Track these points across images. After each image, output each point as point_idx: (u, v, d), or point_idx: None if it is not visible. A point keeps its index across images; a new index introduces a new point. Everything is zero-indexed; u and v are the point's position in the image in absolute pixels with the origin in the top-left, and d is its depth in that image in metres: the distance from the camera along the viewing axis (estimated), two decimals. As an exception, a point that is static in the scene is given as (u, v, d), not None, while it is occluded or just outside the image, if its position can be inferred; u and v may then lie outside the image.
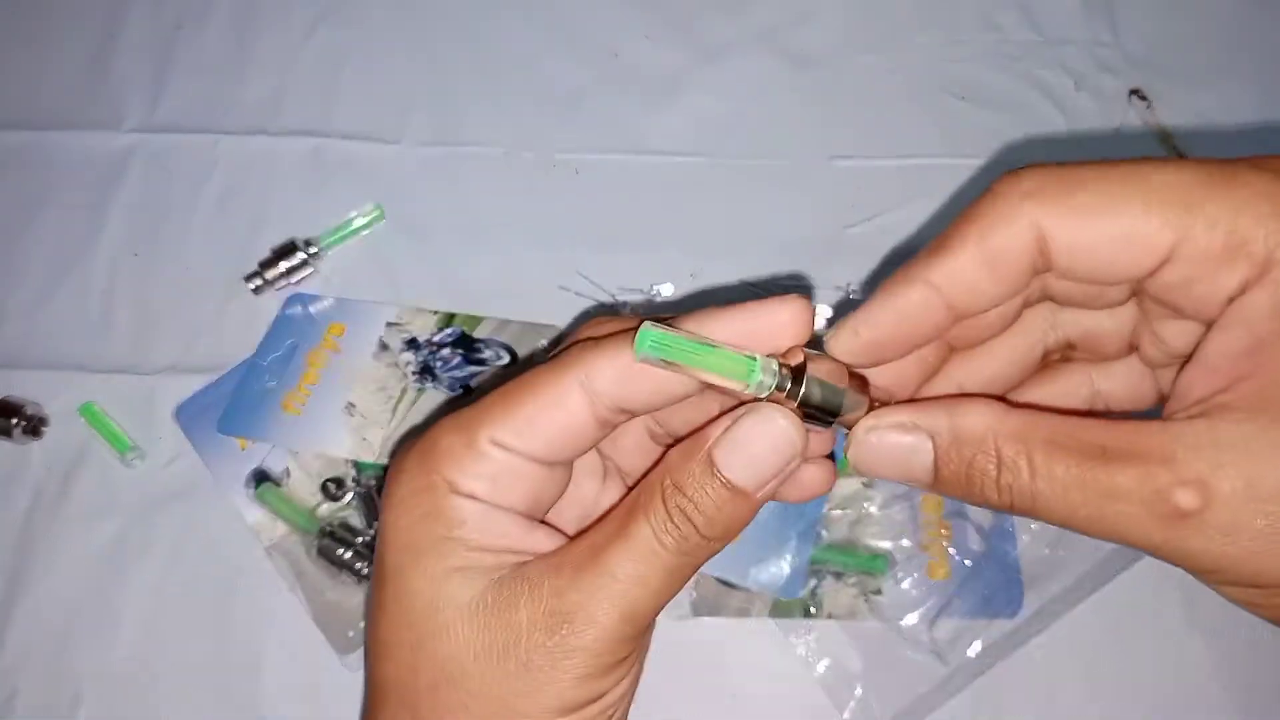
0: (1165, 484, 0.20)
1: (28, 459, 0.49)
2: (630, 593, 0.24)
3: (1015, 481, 0.21)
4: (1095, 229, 0.21)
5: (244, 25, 0.60)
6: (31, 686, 0.45)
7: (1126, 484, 0.20)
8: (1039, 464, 0.21)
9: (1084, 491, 0.21)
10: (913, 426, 0.23)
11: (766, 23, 0.59)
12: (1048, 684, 0.43)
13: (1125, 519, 0.20)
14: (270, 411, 0.48)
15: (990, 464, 0.22)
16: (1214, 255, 0.21)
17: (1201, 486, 0.19)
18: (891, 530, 0.45)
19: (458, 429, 0.25)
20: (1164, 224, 0.21)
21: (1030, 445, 0.21)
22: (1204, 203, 0.21)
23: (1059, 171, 0.22)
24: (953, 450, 0.22)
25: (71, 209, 0.55)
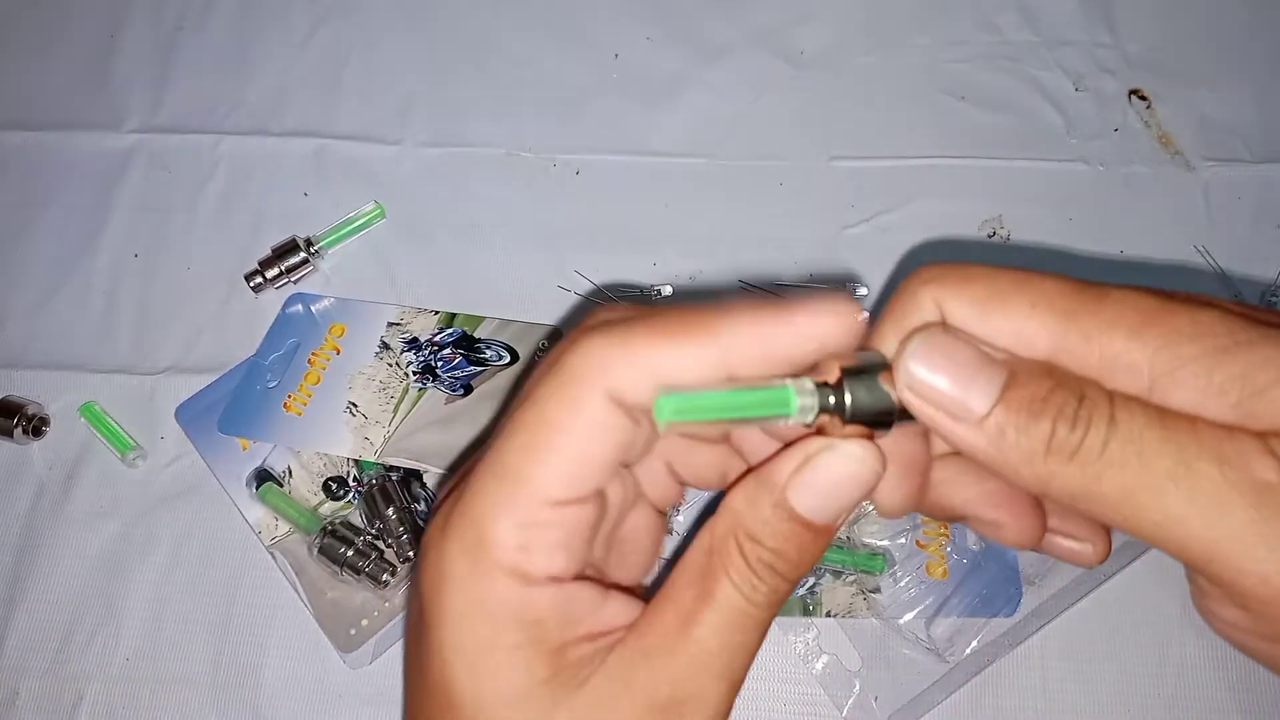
0: (1251, 448, 0.18)
1: (29, 459, 0.49)
2: (733, 663, 0.22)
3: (1095, 413, 0.19)
4: (986, 322, 0.21)
5: (245, 26, 0.60)
6: (32, 686, 0.45)
7: (1209, 441, 0.19)
8: (1119, 406, 0.19)
9: (1163, 435, 0.19)
10: (982, 349, 0.20)
11: (766, 24, 0.59)
12: (1045, 682, 0.43)
13: (1196, 489, 0.18)
14: (272, 411, 0.48)
15: (1072, 394, 0.19)
16: (1092, 369, 0.20)
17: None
18: (890, 528, 0.45)
19: (502, 508, 0.21)
20: (1042, 328, 0.20)
21: (1112, 392, 0.20)
22: (1078, 314, 0.20)
23: (957, 266, 0.22)
24: (1031, 373, 0.20)
25: (73, 209, 0.55)
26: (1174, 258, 0.52)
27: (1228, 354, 0.19)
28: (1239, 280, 0.51)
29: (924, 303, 0.21)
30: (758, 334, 0.21)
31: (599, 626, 0.22)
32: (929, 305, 0.21)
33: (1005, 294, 0.21)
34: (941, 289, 0.21)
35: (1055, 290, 0.21)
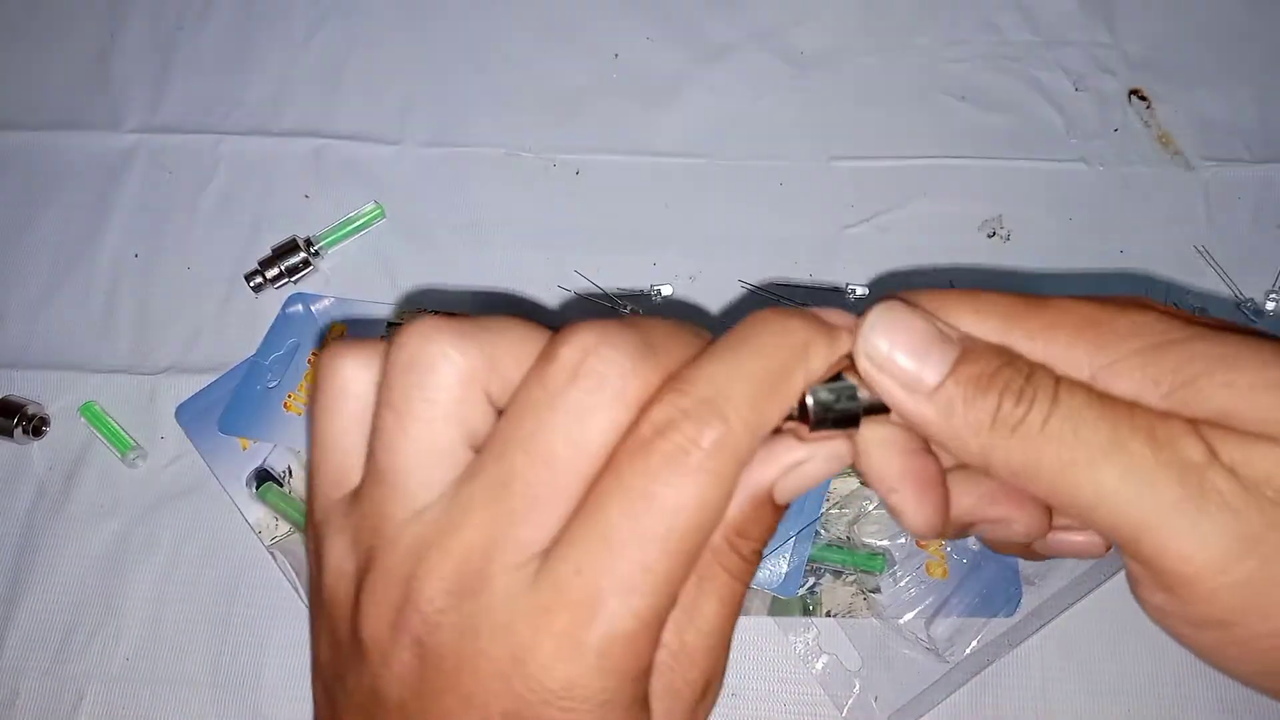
0: (1180, 432, 0.19)
1: (29, 459, 0.49)
2: (730, 635, 0.23)
3: (1040, 390, 0.20)
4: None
5: (245, 26, 0.60)
6: (32, 686, 0.45)
7: (1143, 423, 0.20)
8: (1063, 386, 0.20)
9: (1100, 412, 0.20)
10: (940, 325, 0.21)
11: (766, 24, 0.59)
12: (1044, 682, 0.43)
13: (1129, 469, 0.19)
14: (271, 411, 0.48)
15: (1019, 375, 0.20)
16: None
17: (1207, 447, 0.19)
18: (890, 529, 0.45)
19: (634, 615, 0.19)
20: (990, 332, 0.21)
21: (1059, 376, 0.20)
22: (1021, 317, 0.21)
23: (907, 293, 0.23)
24: (981, 352, 0.21)
25: (73, 209, 0.55)
26: (1174, 257, 0.52)
27: (1161, 350, 0.20)
28: (1238, 280, 0.51)
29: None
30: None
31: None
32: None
33: (950, 305, 0.22)
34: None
35: (999, 299, 0.22)
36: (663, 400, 0.19)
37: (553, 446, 0.19)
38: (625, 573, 0.19)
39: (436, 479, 0.21)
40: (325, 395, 0.22)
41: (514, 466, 0.20)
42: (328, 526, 0.22)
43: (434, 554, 0.20)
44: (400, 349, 0.21)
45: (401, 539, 0.20)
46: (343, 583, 0.22)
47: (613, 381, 0.19)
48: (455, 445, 0.21)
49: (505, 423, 0.20)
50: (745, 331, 0.21)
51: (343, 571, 0.22)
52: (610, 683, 0.19)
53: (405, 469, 0.21)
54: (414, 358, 0.20)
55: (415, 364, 0.20)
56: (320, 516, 0.23)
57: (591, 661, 0.19)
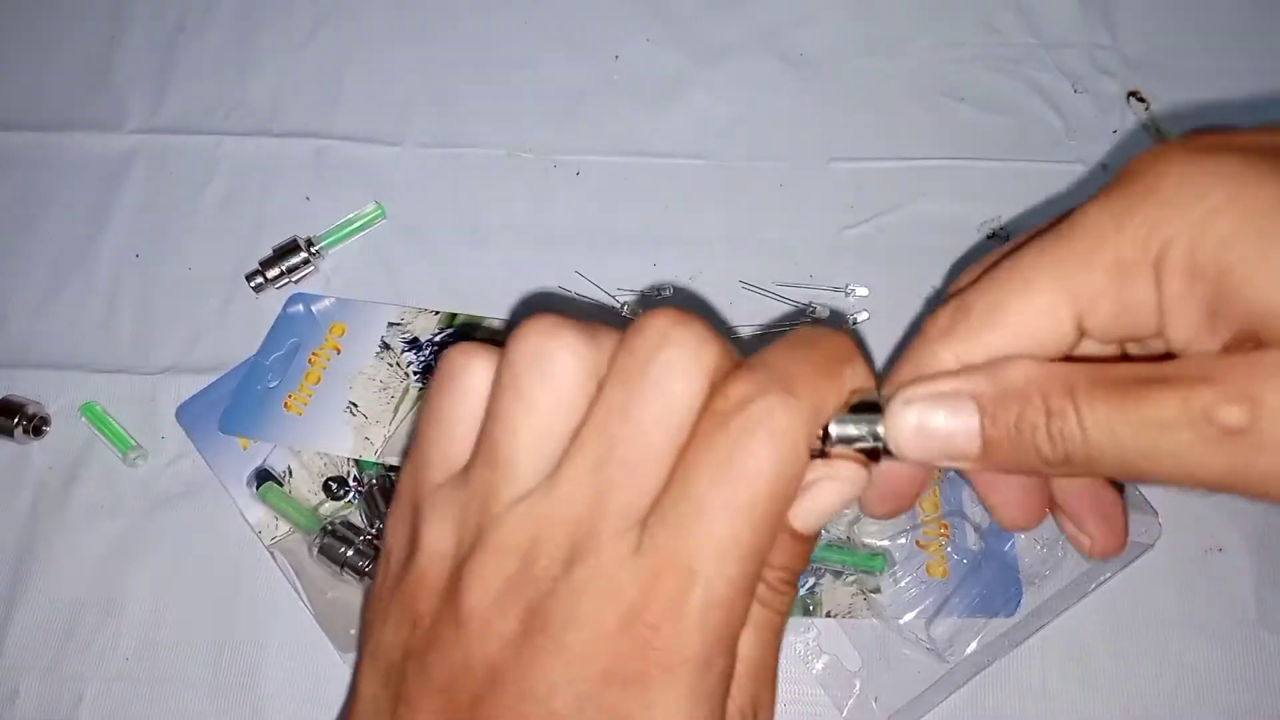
0: (1209, 401, 0.19)
1: (29, 459, 0.49)
2: (774, 664, 0.24)
3: (1065, 426, 0.21)
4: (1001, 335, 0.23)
5: (246, 27, 0.60)
6: (33, 686, 0.45)
7: (1171, 410, 0.19)
8: (1083, 406, 0.20)
9: (1131, 425, 0.20)
10: (952, 392, 0.22)
11: (766, 25, 0.59)
12: (1045, 682, 0.43)
13: (1180, 449, 0.20)
14: (272, 411, 0.48)
15: (1039, 415, 0.21)
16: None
17: (1247, 400, 0.19)
18: (890, 529, 0.45)
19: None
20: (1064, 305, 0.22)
21: (1074, 389, 0.21)
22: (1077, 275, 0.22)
23: (959, 308, 0.24)
24: (999, 407, 0.21)
25: (74, 210, 0.55)
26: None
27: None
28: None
29: (941, 353, 0.24)
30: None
31: None
32: (945, 355, 0.24)
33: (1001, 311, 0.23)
34: (951, 340, 0.23)
35: (1049, 261, 0.23)
36: (738, 378, 0.21)
37: (645, 411, 0.21)
38: (718, 538, 0.20)
39: (546, 463, 0.22)
40: (451, 383, 0.24)
41: (612, 435, 0.21)
42: (429, 509, 0.24)
43: (546, 525, 0.21)
44: (525, 340, 0.22)
45: (512, 515, 0.22)
46: (438, 562, 0.23)
47: (692, 348, 0.22)
48: (566, 433, 0.22)
49: (601, 397, 0.22)
50: (799, 333, 0.23)
51: (442, 552, 0.23)
52: (710, 646, 0.20)
53: (521, 451, 0.22)
54: (540, 348, 0.22)
55: (541, 354, 0.22)
56: (419, 500, 0.24)
57: (694, 622, 0.20)
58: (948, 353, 0.23)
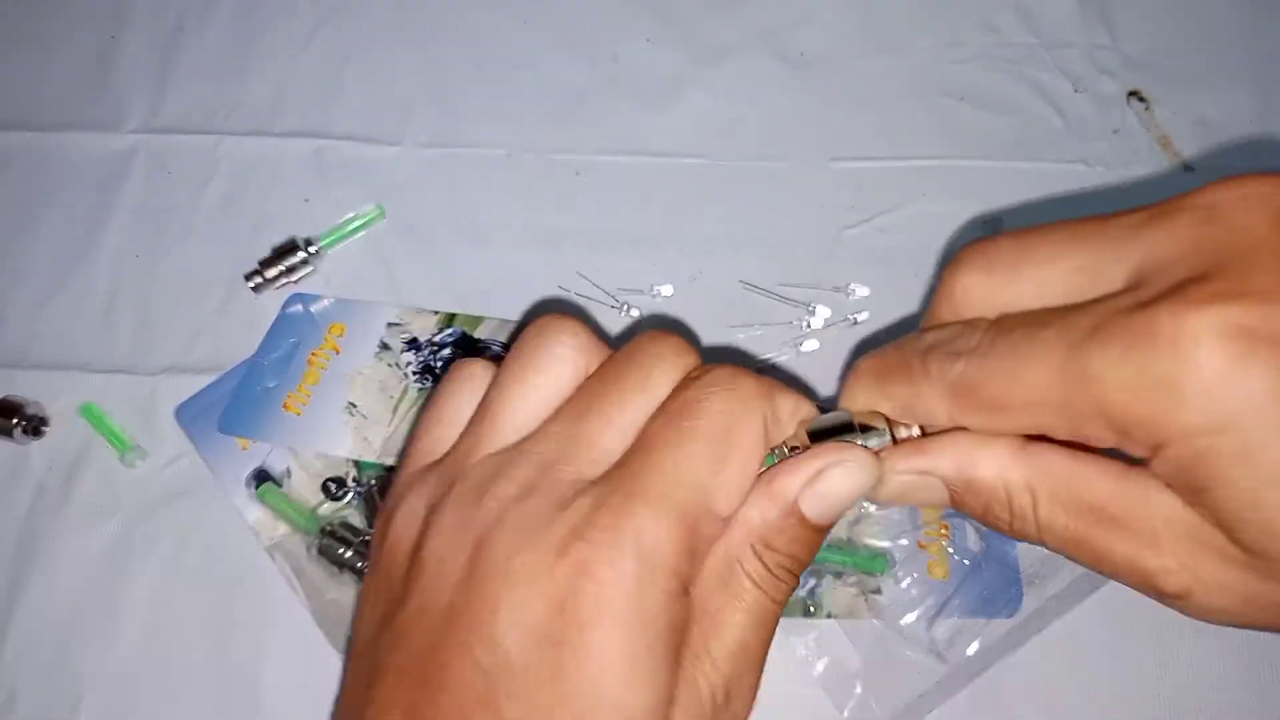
0: (1152, 568, 0.21)
1: (28, 459, 0.49)
2: (761, 654, 0.25)
3: (1024, 527, 0.23)
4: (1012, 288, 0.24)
5: (245, 26, 0.60)
6: (31, 686, 0.45)
7: (1118, 556, 0.21)
8: (1043, 516, 0.22)
9: (1080, 549, 0.22)
10: (925, 473, 0.24)
11: (766, 25, 0.59)
12: (1046, 683, 0.43)
13: (1119, 579, 0.22)
14: (271, 411, 0.48)
15: (1004, 510, 0.23)
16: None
17: (1186, 575, 0.20)
18: (891, 530, 0.45)
19: (682, 512, 0.22)
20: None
21: (1037, 496, 0.22)
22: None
23: (980, 249, 0.25)
24: (967, 496, 0.24)
25: (73, 210, 0.55)
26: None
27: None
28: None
29: (954, 292, 0.25)
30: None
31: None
32: (958, 295, 0.25)
33: (1019, 265, 0.24)
34: (970, 274, 0.24)
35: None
36: (691, 383, 0.25)
37: (626, 384, 0.24)
38: (660, 490, 0.22)
39: (528, 429, 0.24)
40: (449, 385, 0.27)
41: (589, 404, 0.24)
42: (406, 488, 0.25)
43: (508, 466, 0.23)
44: (538, 328, 0.26)
45: (481, 462, 0.24)
46: (411, 523, 0.24)
47: (671, 352, 0.25)
48: (553, 410, 0.25)
49: (595, 374, 0.25)
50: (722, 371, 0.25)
51: (414, 514, 0.24)
52: (646, 593, 0.22)
53: (508, 415, 0.24)
54: (547, 324, 0.25)
55: (547, 329, 0.25)
56: (403, 485, 0.26)
57: (630, 547, 0.22)
58: (958, 288, 0.24)
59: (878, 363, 0.25)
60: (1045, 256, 0.23)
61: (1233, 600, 0.20)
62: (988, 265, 0.23)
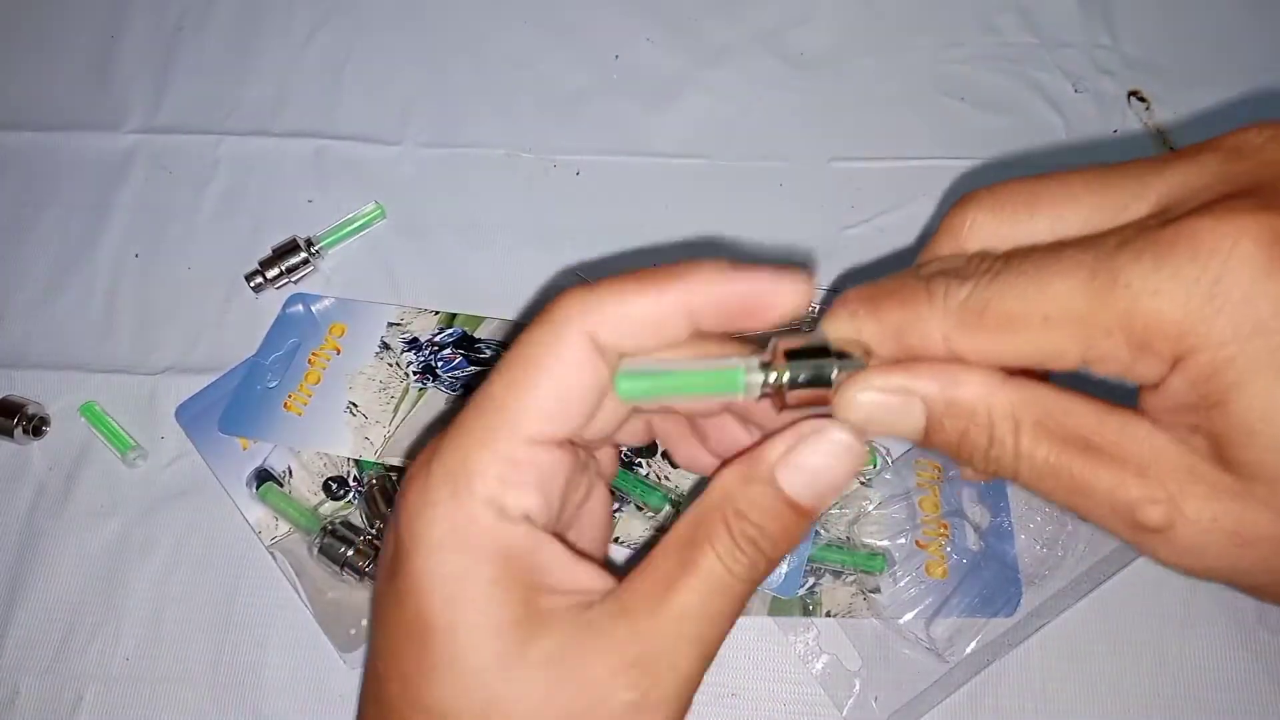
0: (1135, 497, 0.20)
1: (29, 459, 0.49)
2: (708, 631, 0.23)
3: (1001, 456, 0.21)
4: (1019, 229, 0.23)
5: (245, 26, 0.60)
6: (32, 686, 0.45)
7: (1100, 486, 0.20)
8: (1024, 445, 0.21)
9: (1057, 481, 0.21)
10: (905, 390, 0.22)
11: (766, 25, 0.59)
12: (1045, 682, 0.43)
13: (1094, 515, 0.21)
14: (272, 411, 0.48)
15: (981, 436, 0.21)
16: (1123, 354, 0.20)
17: (1170, 506, 0.20)
18: (889, 529, 0.45)
19: (485, 435, 0.23)
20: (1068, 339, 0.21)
21: (1020, 424, 0.21)
22: (1096, 315, 0.21)
23: (992, 190, 0.24)
24: (945, 418, 0.22)
25: (74, 209, 0.55)
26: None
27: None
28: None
29: (959, 226, 0.23)
30: (718, 283, 0.23)
31: (570, 585, 0.23)
32: (964, 229, 0.23)
33: (1033, 205, 0.23)
34: (979, 211, 0.23)
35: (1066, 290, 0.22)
36: None
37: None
38: (470, 411, 0.23)
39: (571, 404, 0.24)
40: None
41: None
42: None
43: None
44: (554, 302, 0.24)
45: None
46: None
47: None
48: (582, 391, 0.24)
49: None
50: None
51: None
52: (445, 497, 0.22)
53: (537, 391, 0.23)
54: (564, 300, 0.24)
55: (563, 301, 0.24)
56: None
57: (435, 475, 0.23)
58: (964, 222, 0.23)
59: (870, 289, 0.23)
60: (1063, 195, 0.22)
61: (1217, 537, 0.19)
62: (999, 203, 0.23)
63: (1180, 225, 0.19)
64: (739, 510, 0.23)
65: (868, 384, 0.22)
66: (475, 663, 0.22)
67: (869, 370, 0.22)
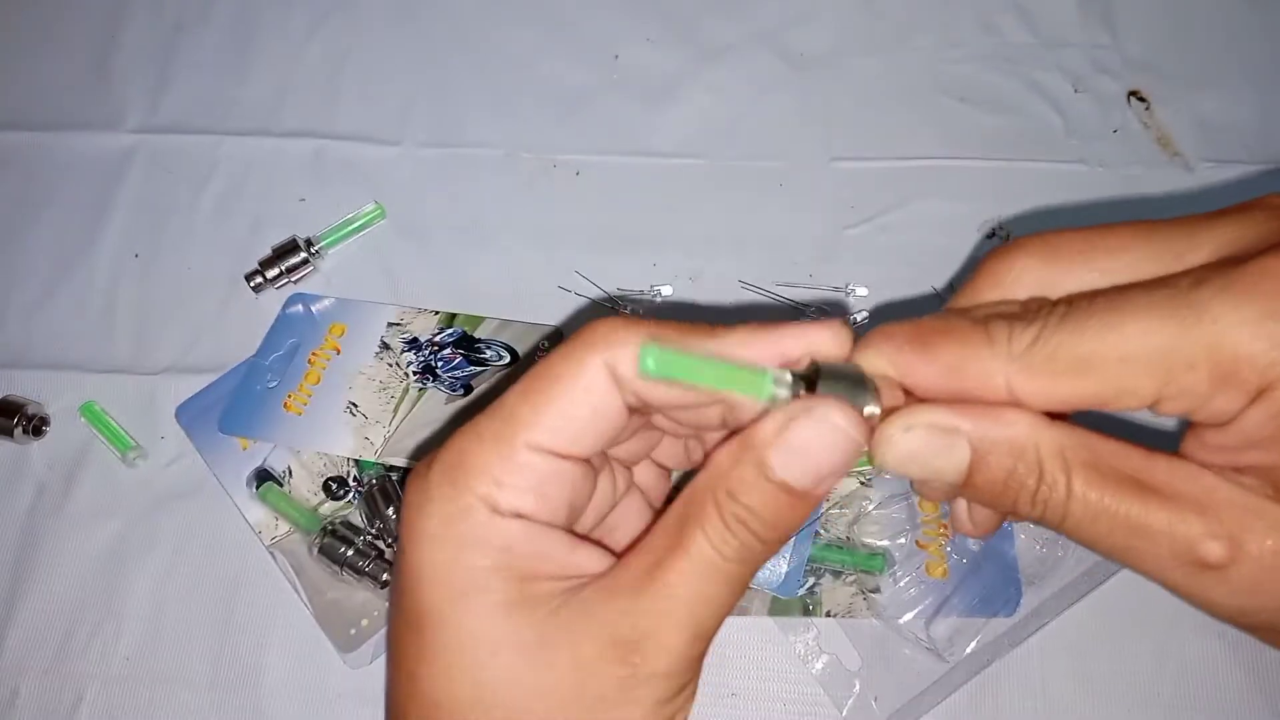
0: (1196, 534, 0.20)
1: (29, 459, 0.49)
2: (698, 613, 0.22)
3: (1051, 497, 0.21)
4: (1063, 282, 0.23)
5: (245, 26, 0.60)
6: (32, 686, 0.45)
7: (1156, 525, 0.20)
8: (1076, 486, 0.21)
9: (1113, 522, 0.21)
10: (952, 429, 0.21)
11: (766, 25, 0.59)
12: (1044, 682, 0.43)
13: (1149, 557, 0.21)
14: (272, 411, 0.48)
15: (1031, 477, 0.21)
16: (1205, 387, 0.20)
17: (1232, 543, 0.20)
18: (890, 529, 0.45)
19: (487, 438, 0.23)
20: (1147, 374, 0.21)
21: (1071, 464, 0.21)
22: (1181, 346, 0.20)
23: (1041, 240, 0.24)
24: (992, 457, 0.21)
25: (73, 209, 0.55)
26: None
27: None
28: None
29: (1003, 272, 0.24)
30: (754, 341, 0.23)
31: (568, 570, 0.24)
32: (1010, 275, 0.24)
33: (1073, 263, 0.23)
34: (1029, 258, 0.23)
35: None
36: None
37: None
38: (484, 417, 0.23)
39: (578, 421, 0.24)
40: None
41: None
42: None
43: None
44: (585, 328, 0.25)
45: None
46: None
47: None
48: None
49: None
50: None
51: None
52: (442, 494, 0.23)
53: (550, 400, 0.24)
54: (595, 328, 0.24)
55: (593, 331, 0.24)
56: None
57: (433, 473, 0.23)
58: (1008, 274, 0.23)
59: (913, 327, 0.22)
60: (1116, 245, 0.22)
61: (1278, 574, 0.19)
62: (1051, 250, 0.23)
63: (1263, 262, 0.19)
64: (730, 491, 0.22)
65: (912, 420, 0.22)
66: (464, 647, 0.22)
67: (913, 407, 0.22)
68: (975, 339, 0.22)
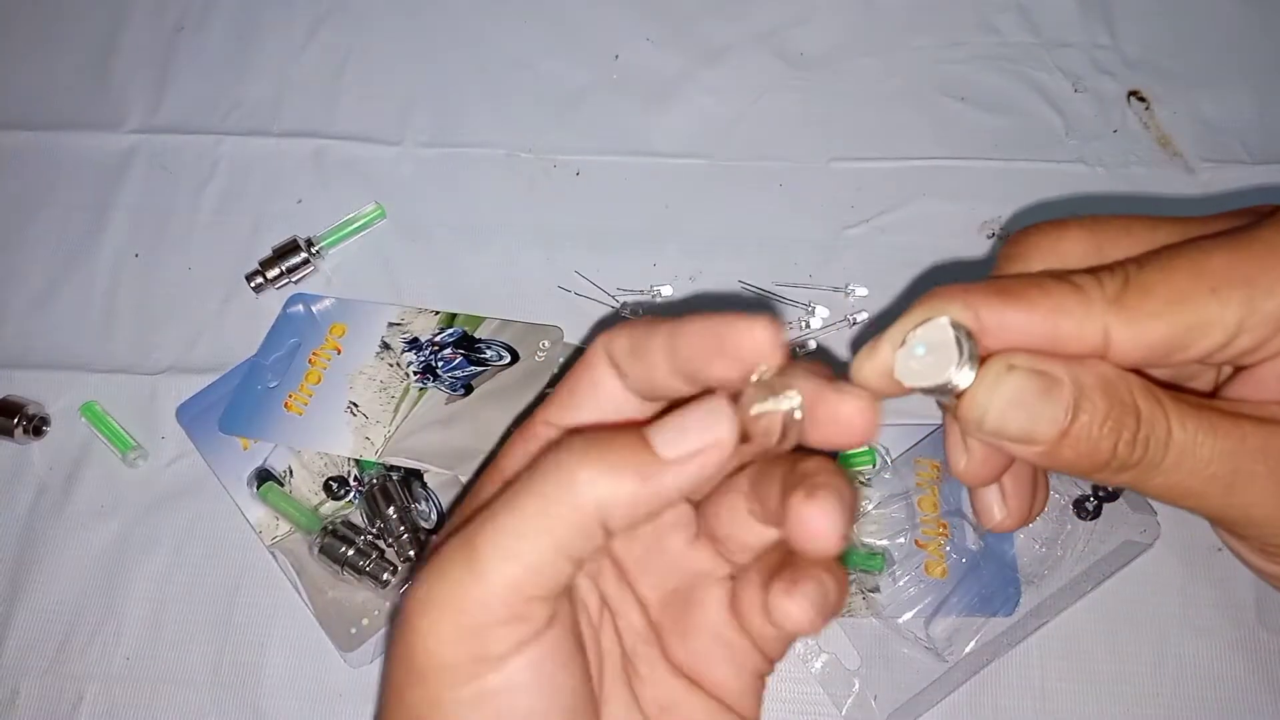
0: None
1: (29, 459, 0.49)
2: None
3: (1154, 434, 0.21)
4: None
5: (245, 26, 0.60)
6: (32, 686, 0.45)
7: (1255, 440, 0.21)
8: (1174, 418, 0.21)
9: (1213, 450, 0.21)
10: (1051, 374, 0.21)
11: (766, 25, 0.59)
12: (1043, 681, 0.43)
13: (1257, 479, 0.21)
14: (272, 411, 0.48)
15: (1130, 417, 0.21)
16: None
17: None
18: (889, 528, 0.45)
19: (465, 601, 0.22)
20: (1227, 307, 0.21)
21: (1163, 401, 0.21)
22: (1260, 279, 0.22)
23: (1057, 228, 0.25)
24: (1093, 398, 0.21)
25: (73, 209, 0.55)
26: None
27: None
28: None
29: (1048, 246, 0.25)
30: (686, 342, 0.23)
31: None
32: (1063, 249, 0.25)
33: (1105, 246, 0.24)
34: (1079, 231, 0.25)
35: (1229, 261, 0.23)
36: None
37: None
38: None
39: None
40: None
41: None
42: None
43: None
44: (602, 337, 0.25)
45: None
46: None
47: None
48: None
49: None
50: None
51: None
52: (451, 569, 0.22)
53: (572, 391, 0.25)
54: (614, 334, 0.24)
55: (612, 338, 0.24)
56: None
57: (441, 561, 0.22)
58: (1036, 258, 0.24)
59: (992, 283, 0.22)
60: (1152, 224, 0.24)
61: None
62: (1095, 224, 0.25)
63: None
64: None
65: (1014, 359, 0.21)
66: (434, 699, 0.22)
67: (1005, 354, 0.21)
68: (1063, 290, 0.21)
